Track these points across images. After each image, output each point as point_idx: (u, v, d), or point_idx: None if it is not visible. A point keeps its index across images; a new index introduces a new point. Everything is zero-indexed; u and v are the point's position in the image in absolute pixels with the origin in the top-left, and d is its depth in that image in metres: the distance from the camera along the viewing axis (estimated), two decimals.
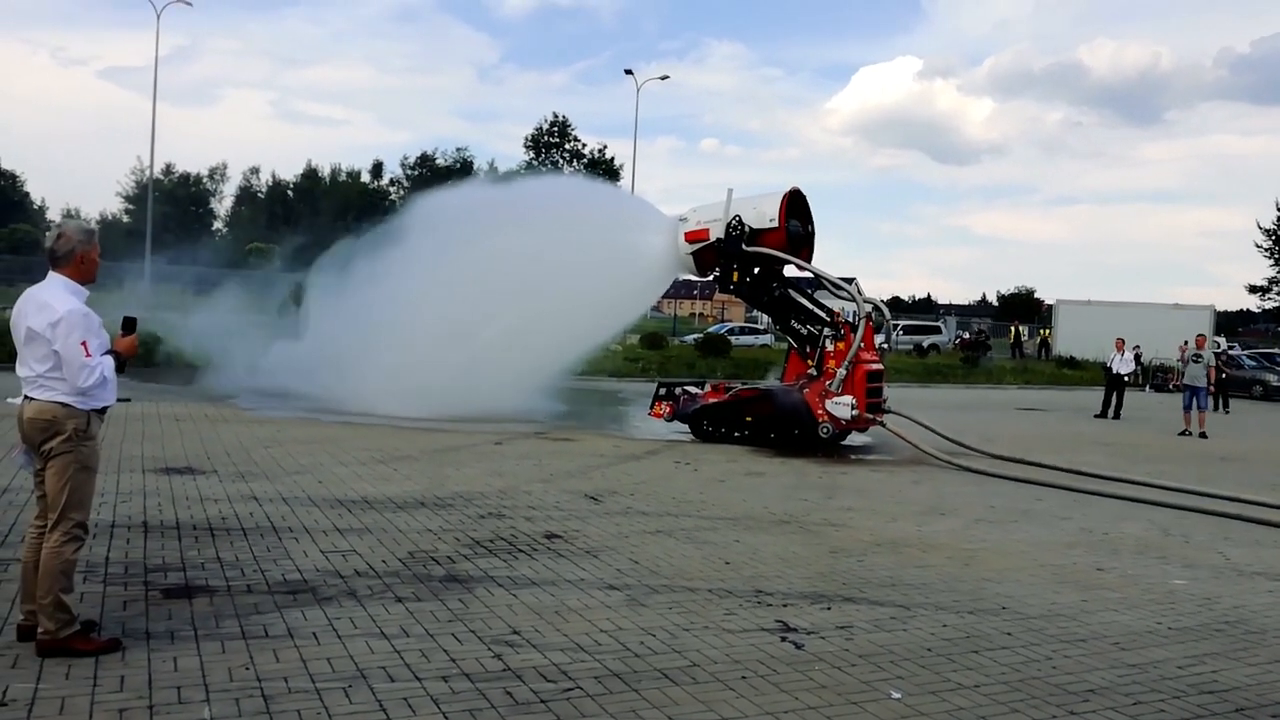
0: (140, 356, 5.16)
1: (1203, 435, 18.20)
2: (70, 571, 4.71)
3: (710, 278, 15.31)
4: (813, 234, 14.70)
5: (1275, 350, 39.70)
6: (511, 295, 15.01)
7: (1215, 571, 7.65)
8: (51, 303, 4.67)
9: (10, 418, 5.12)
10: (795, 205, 14.44)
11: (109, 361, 4.76)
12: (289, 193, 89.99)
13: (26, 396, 4.72)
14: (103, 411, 4.83)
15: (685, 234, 14.65)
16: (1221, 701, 4.85)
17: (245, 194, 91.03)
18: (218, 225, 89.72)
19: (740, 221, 13.99)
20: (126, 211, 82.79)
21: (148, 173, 61.00)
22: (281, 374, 16.99)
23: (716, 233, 14.25)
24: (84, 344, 4.62)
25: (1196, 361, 19.05)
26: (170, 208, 79.42)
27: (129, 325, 4.97)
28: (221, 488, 8.82)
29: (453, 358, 14.86)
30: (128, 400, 13.81)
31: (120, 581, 5.88)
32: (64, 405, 4.66)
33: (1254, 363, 34.00)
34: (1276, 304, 64.53)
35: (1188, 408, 18.68)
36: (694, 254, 14.66)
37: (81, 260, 4.79)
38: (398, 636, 5.17)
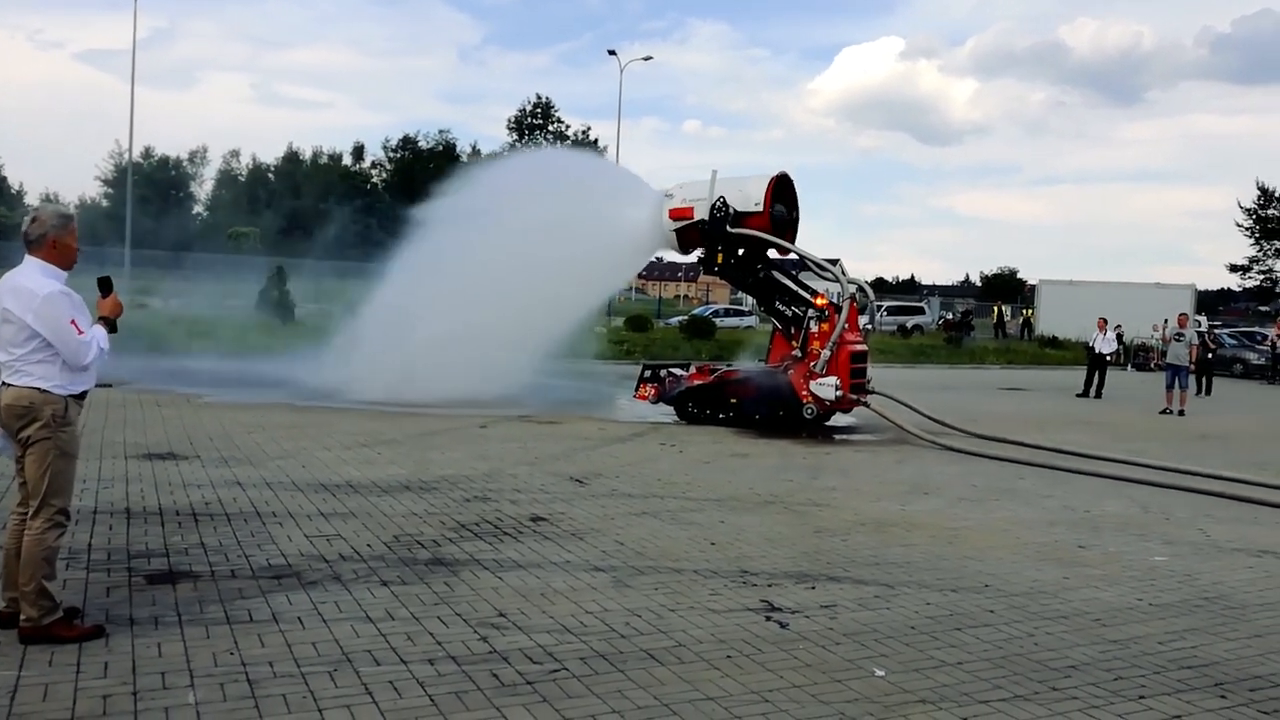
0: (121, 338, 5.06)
1: (1181, 413, 18.35)
2: (53, 558, 4.68)
3: (691, 256, 15.26)
4: (797, 219, 14.65)
5: (1256, 329, 40.00)
6: (491, 277, 14.86)
7: (1195, 548, 7.73)
8: (29, 286, 4.61)
9: None
10: (781, 190, 14.39)
11: (101, 331, 4.74)
12: (270, 176, 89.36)
13: (4, 382, 4.66)
14: (81, 397, 4.78)
15: (669, 211, 14.55)
16: (1201, 676, 4.91)
17: (226, 177, 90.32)
18: (198, 209, 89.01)
19: (724, 203, 13.93)
20: (105, 195, 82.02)
21: (126, 156, 60.37)
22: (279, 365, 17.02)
23: (700, 212, 14.18)
24: (73, 322, 4.58)
25: (1179, 340, 19.19)
26: (150, 191, 78.70)
27: (105, 286, 4.91)
28: (205, 473, 8.78)
29: (430, 341, 14.80)
30: (109, 385, 13.71)
31: (103, 568, 5.85)
32: (41, 391, 4.60)
33: (1235, 341, 34.24)
34: (1257, 283, 64.95)
35: (1170, 386, 18.81)
36: (677, 231, 14.57)
37: (54, 245, 4.72)
38: (383, 620, 5.16)
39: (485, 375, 15.25)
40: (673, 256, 15.69)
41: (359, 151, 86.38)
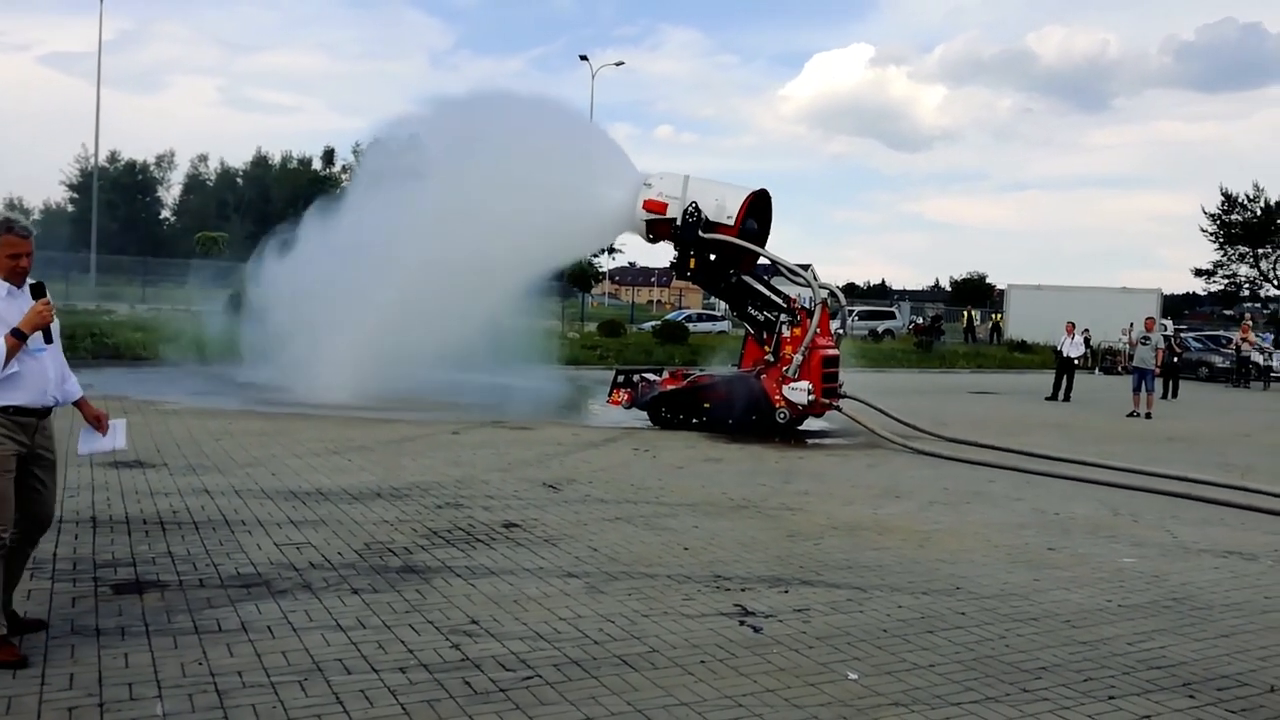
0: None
1: (1148, 416, 18.56)
2: None
3: (657, 247, 15.09)
4: (766, 236, 14.62)
5: (1220, 332, 40.56)
6: (431, 245, 14.29)
7: (1163, 549, 7.81)
8: None
9: None
10: (758, 205, 14.33)
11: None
12: (238, 180, 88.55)
13: None
14: (9, 412, 4.44)
15: (644, 201, 14.30)
16: (1170, 676, 4.96)
17: (194, 182, 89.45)
18: (165, 214, 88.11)
19: (697, 208, 13.89)
20: (71, 200, 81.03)
21: (92, 160, 59.68)
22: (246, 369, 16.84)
23: (674, 212, 14.04)
24: None
25: (1145, 344, 19.42)
26: (116, 196, 77.83)
27: (36, 291, 4.54)
28: (172, 481, 8.67)
29: (383, 336, 14.55)
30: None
31: (69, 578, 5.76)
32: None
33: (1200, 345, 34.71)
34: (1221, 287, 65.83)
35: (1136, 389, 19.03)
36: (647, 222, 14.39)
37: None
38: (354, 628, 5.12)
39: (437, 358, 14.92)
40: (646, 261, 15.60)
41: (329, 156, 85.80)
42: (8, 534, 4.45)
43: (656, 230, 14.46)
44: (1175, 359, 24.64)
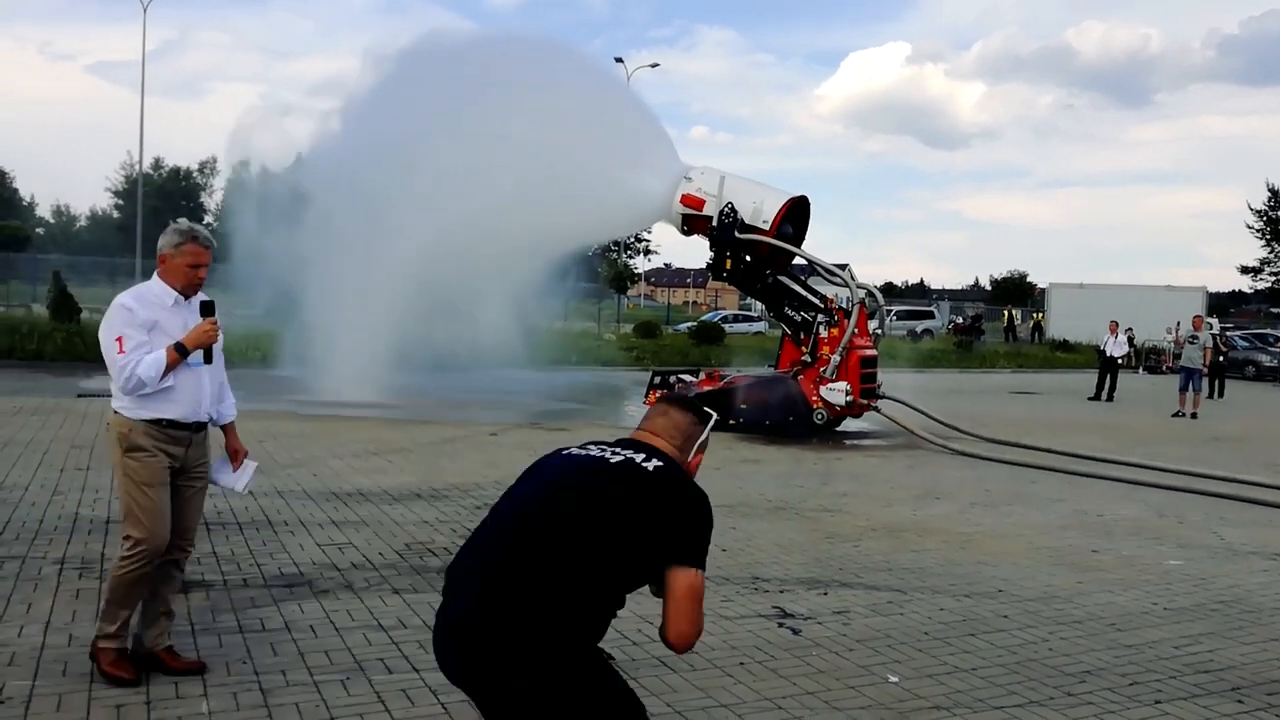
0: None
1: (1194, 416, 18.25)
2: (122, 589, 4.30)
3: (690, 239, 14.90)
4: (802, 241, 14.48)
5: (1268, 330, 39.80)
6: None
7: (1210, 552, 7.68)
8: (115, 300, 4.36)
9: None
10: (796, 211, 14.16)
11: (150, 360, 4.21)
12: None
13: None
14: (163, 425, 4.32)
15: (682, 195, 14.13)
16: (1217, 681, 4.88)
17: (235, 187, 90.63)
18: (209, 219, 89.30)
19: (733, 210, 13.82)
20: (116, 207, 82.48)
21: (137, 167, 60.72)
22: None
23: (710, 210, 13.90)
24: (119, 339, 4.21)
25: (1193, 343, 19.10)
26: (160, 202, 78.98)
27: (205, 309, 4.43)
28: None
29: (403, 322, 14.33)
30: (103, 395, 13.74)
31: None
32: (115, 412, 4.35)
33: (1247, 343, 34.08)
34: (1268, 285, 64.61)
35: (1183, 389, 18.71)
36: (684, 215, 14.26)
37: (163, 261, 4.38)
38: (395, 628, 5.16)
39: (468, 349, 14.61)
40: (681, 262, 15.46)
41: None
42: (141, 547, 4.28)
43: (692, 224, 14.33)
44: (1221, 358, 24.21)
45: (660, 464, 2.86)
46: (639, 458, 2.87)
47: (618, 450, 2.92)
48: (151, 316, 4.29)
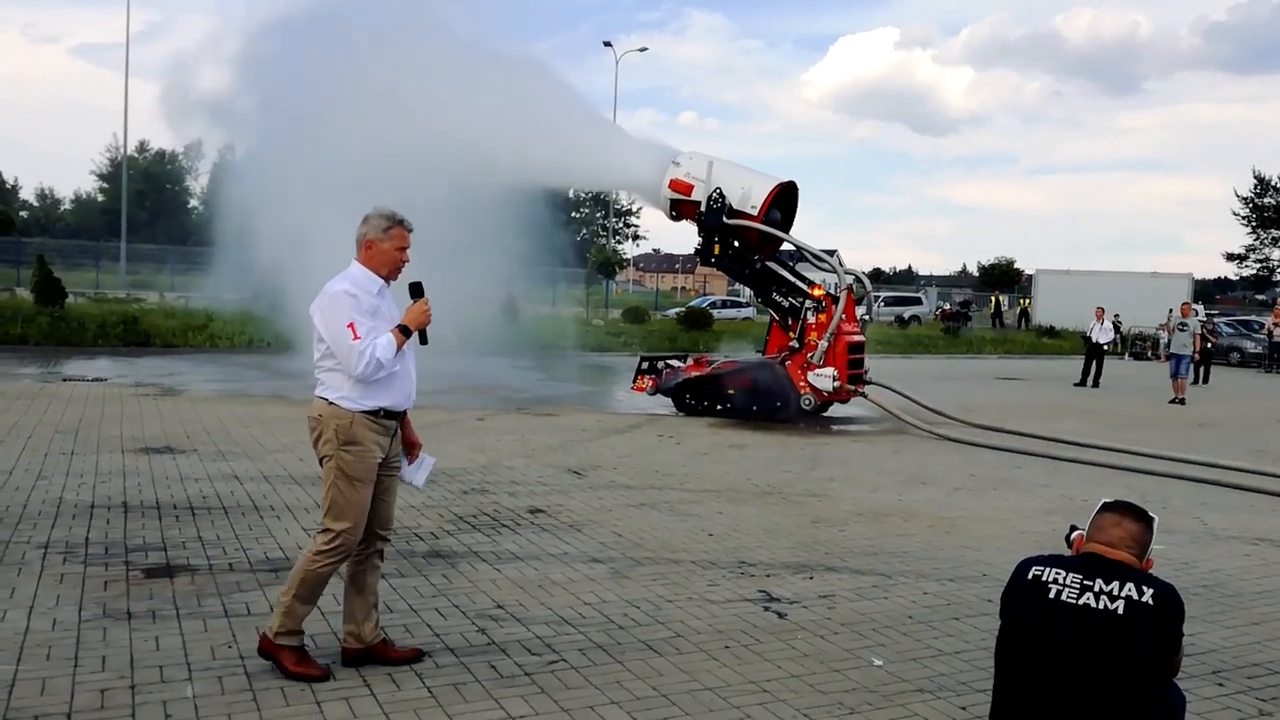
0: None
1: (1181, 401, 18.34)
2: (313, 583, 4.29)
3: (679, 225, 14.90)
4: (790, 226, 14.47)
5: (1253, 317, 40.03)
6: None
7: (1193, 536, 7.74)
8: (327, 286, 4.29)
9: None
10: (784, 197, 14.16)
11: (385, 340, 4.19)
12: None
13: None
14: (380, 415, 4.30)
15: (670, 180, 14.12)
16: (1199, 664, 4.92)
17: (221, 171, 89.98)
18: (194, 203, 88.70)
19: (721, 195, 13.81)
20: (101, 190, 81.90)
21: (121, 150, 60.27)
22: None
23: (698, 195, 13.87)
24: (350, 325, 4.14)
25: (1183, 330, 19.18)
26: (145, 185, 78.49)
27: (415, 290, 4.39)
28: (201, 467, 8.77)
29: None
30: (102, 380, 13.69)
31: (101, 561, 5.84)
32: (329, 403, 4.26)
33: (1232, 330, 34.27)
34: (1254, 271, 64.95)
35: (1174, 375, 18.79)
36: (671, 200, 14.23)
37: (369, 247, 4.32)
38: (382, 612, 5.14)
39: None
40: (670, 247, 15.48)
41: None
42: (340, 541, 4.29)
43: (681, 209, 14.32)
44: (1208, 344, 24.34)
45: (1151, 589, 3.27)
46: (1131, 592, 3.25)
47: (1103, 586, 3.26)
48: (373, 302, 4.28)
